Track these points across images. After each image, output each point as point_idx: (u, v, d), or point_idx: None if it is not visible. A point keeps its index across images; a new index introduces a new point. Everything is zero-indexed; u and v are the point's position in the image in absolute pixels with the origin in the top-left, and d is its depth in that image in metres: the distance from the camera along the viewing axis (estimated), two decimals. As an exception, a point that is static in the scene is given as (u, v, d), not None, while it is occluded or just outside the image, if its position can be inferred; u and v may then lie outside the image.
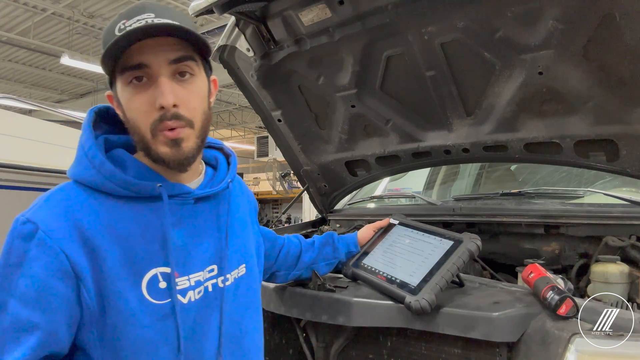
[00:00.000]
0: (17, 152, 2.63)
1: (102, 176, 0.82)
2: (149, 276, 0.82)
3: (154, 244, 0.83)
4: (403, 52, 1.51)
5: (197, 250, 0.90)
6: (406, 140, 1.78)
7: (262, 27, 1.60)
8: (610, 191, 1.65)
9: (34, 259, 0.76)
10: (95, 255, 0.78)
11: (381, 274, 1.29)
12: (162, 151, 0.83)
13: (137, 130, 0.82)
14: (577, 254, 1.55)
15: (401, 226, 1.45)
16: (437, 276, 1.17)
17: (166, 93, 0.80)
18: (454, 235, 1.27)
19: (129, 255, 0.81)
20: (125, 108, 0.84)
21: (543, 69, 1.34)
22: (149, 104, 0.80)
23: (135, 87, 0.81)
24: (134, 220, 0.83)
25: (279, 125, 1.94)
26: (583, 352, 0.94)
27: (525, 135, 1.53)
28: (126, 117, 0.84)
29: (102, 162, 0.83)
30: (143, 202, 0.85)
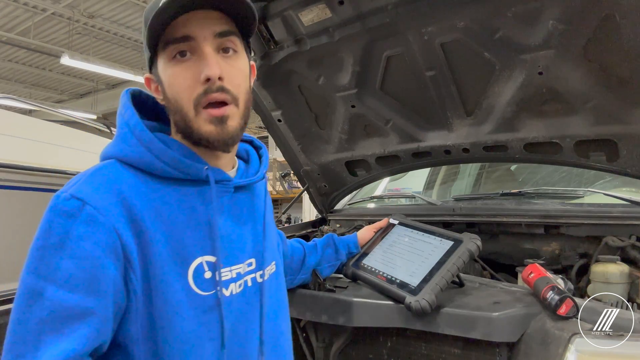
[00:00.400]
0: (17, 152, 2.63)
1: (151, 154, 0.77)
2: (194, 265, 0.78)
3: (200, 231, 0.79)
4: (403, 52, 1.51)
5: (238, 241, 0.87)
6: (406, 140, 1.78)
7: (262, 27, 1.60)
8: (610, 191, 1.65)
9: (82, 237, 0.69)
10: (144, 238, 0.73)
11: (381, 274, 1.29)
12: (206, 130, 0.79)
13: (180, 108, 0.79)
14: (577, 254, 1.55)
15: (401, 226, 1.44)
16: (437, 276, 1.16)
17: (212, 64, 0.76)
18: (454, 236, 1.27)
19: (176, 241, 0.76)
20: (168, 85, 0.80)
21: (543, 69, 1.34)
22: (192, 78, 0.77)
23: (179, 62, 0.78)
24: (179, 204, 0.79)
25: (279, 125, 1.94)
26: (583, 352, 0.94)
27: (525, 135, 1.53)
28: (167, 96, 0.81)
29: (151, 139, 0.78)
30: (187, 185, 0.81)
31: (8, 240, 2.15)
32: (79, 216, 0.69)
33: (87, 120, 3.36)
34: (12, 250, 2.16)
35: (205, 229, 0.80)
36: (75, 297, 0.67)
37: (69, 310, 0.67)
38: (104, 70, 9.17)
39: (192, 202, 0.80)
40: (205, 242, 0.80)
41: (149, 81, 0.86)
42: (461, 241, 1.23)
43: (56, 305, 0.66)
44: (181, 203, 0.79)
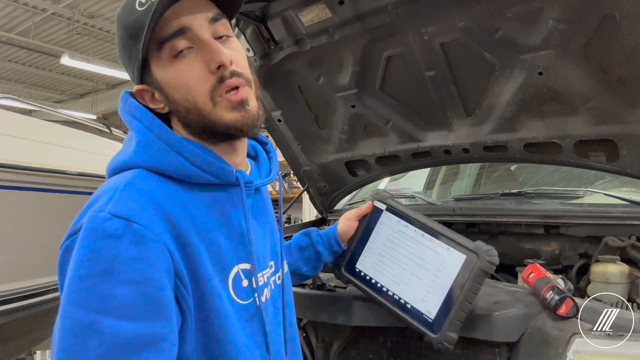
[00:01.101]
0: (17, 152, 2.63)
1: (185, 159, 0.72)
2: (233, 274, 0.75)
3: (233, 238, 0.76)
4: (403, 52, 1.51)
5: (263, 244, 0.85)
6: (406, 141, 1.78)
7: (262, 27, 1.60)
8: (610, 191, 1.65)
9: (134, 259, 0.62)
10: (189, 252, 0.68)
11: (386, 291, 1.15)
12: (229, 118, 0.74)
13: (194, 105, 0.73)
14: (577, 254, 1.55)
15: (390, 214, 1.22)
16: (455, 309, 1.04)
17: (221, 50, 0.72)
18: (465, 245, 1.08)
19: (214, 251, 0.72)
20: (173, 86, 0.74)
21: (543, 69, 1.34)
22: (201, 71, 0.72)
23: (180, 58, 0.72)
24: (210, 210, 0.74)
25: (279, 125, 1.94)
26: (583, 352, 0.94)
27: (525, 135, 1.53)
28: (173, 99, 0.75)
29: (182, 142, 0.72)
30: (215, 189, 0.76)
31: (8, 240, 2.15)
32: (126, 236, 0.62)
33: (87, 121, 3.36)
34: (12, 250, 2.16)
35: (238, 235, 0.77)
36: (139, 325, 0.60)
37: (133, 341, 0.59)
38: (104, 70, 9.17)
39: (223, 207, 0.76)
40: (239, 249, 0.77)
41: (141, 92, 0.78)
42: (475, 257, 1.06)
43: (117, 338, 0.59)
44: (212, 209, 0.75)
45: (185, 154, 0.72)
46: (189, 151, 0.72)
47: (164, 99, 0.76)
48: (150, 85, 0.77)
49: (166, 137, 0.73)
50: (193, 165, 0.72)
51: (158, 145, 0.73)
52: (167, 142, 0.73)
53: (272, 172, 0.91)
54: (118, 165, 0.74)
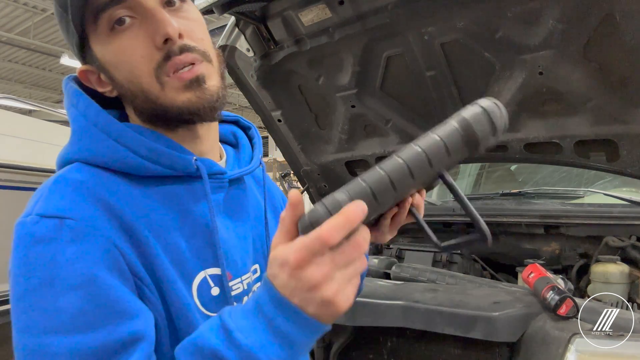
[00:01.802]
0: (17, 152, 2.64)
1: (125, 148, 0.60)
2: (197, 281, 0.62)
3: (197, 238, 0.64)
4: (403, 52, 1.51)
5: (241, 245, 0.72)
6: (406, 140, 1.77)
7: (262, 27, 1.60)
8: (610, 191, 1.66)
9: (73, 260, 0.52)
10: (143, 250, 0.57)
11: None
12: (183, 99, 0.61)
13: (139, 87, 0.62)
14: (577, 254, 1.55)
15: None
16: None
17: (166, 20, 0.59)
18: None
19: (173, 253, 0.61)
20: (115, 65, 0.62)
21: (543, 69, 1.34)
22: (145, 45, 0.60)
23: (120, 32, 0.60)
24: (167, 207, 0.62)
25: (279, 125, 1.94)
26: (583, 352, 0.94)
27: (525, 135, 1.53)
28: (117, 81, 0.63)
29: (122, 129, 0.61)
30: (173, 182, 0.64)
31: (8, 240, 2.15)
32: (61, 236, 0.52)
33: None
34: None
35: (203, 235, 0.64)
36: (98, 335, 0.50)
37: (97, 354, 0.50)
38: (104, 70, 9.16)
39: (183, 204, 0.64)
40: (206, 252, 0.64)
41: (86, 74, 0.66)
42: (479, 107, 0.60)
43: (77, 357, 0.49)
44: (169, 206, 0.63)
45: (126, 142, 0.60)
46: (130, 138, 0.61)
47: (109, 80, 0.65)
48: (92, 64, 0.65)
49: (104, 124, 0.62)
50: (136, 154, 0.60)
51: (94, 134, 0.61)
52: (104, 130, 0.61)
53: (253, 160, 0.78)
54: (57, 162, 0.64)
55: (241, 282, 0.69)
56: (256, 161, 0.78)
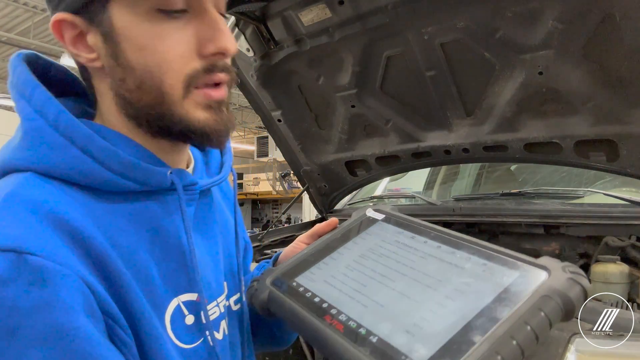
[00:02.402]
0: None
1: (92, 160, 0.50)
2: (170, 310, 0.54)
3: (170, 261, 0.56)
4: (403, 52, 1.51)
5: (215, 263, 0.65)
6: (406, 140, 1.78)
7: (262, 27, 1.60)
8: (610, 191, 1.65)
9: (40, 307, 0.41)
10: (115, 282, 0.48)
11: (334, 314, 0.55)
12: (199, 117, 0.54)
13: (157, 84, 0.52)
14: (577, 254, 1.55)
15: (388, 224, 0.72)
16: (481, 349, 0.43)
17: (228, 32, 0.54)
18: (526, 260, 0.56)
19: (143, 280, 0.52)
20: (140, 47, 0.51)
21: (543, 69, 1.34)
22: (188, 47, 0.52)
23: (166, 18, 0.51)
24: (134, 225, 0.53)
25: (279, 125, 1.94)
26: (583, 352, 0.94)
27: (525, 135, 1.53)
28: (129, 62, 0.52)
29: (89, 136, 0.51)
30: (141, 197, 0.55)
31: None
32: (20, 276, 0.42)
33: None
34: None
35: (176, 256, 0.56)
36: None
37: None
38: (103, 70, 9.17)
39: (153, 222, 0.55)
40: (179, 275, 0.56)
41: (64, 25, 0.52)
42: (544, 274, 0.52)
43: None
44: (138, 224, 0.54)
45: (94, 153, 0.51)
46: (99, 149, 0.51)
47: (109, 52, 0.52)
48: (91, 22, 0.51)
49: (66, 127, 0.51)
50: (106, 168, 0.51)
51: (53, 139, 0.50)
52: (66, 135, 0.50)
53: (223, 167, 0.69)
54: (3, 167, 0.53)
55: (217, 305, 0.62)
56: (227, 168, 0.69)
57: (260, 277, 0.68)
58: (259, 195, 15.61)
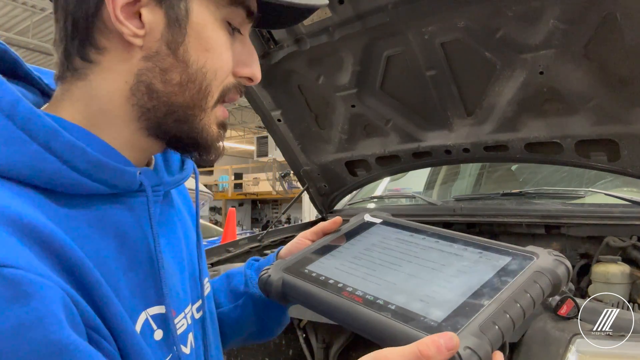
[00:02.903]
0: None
1: (56, 158, 0.44)
2: (139, 325, 0.49)
3: (137, 271, 0.50)
4: (403, 51, 1.50)
5: (180, 270, 0.60)
6: (406, 140, 1.78)
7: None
8: (611, 191, 1.65)
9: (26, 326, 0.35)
10: (93, 291, 0.43)
11: (349, 291, 0.60)
12: (214, 132, 0.54)
13: (204, 89, 0.51)
14: (578, 254, 1.55)
15: (387, 226, 0.78)
16: (490, 308, 0.51)
17: (258, 61, 0.57)
18: (515, 249, 0.63)
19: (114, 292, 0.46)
20: (208, 48, 0.51)
21: (544, 68, 1.34)
22: (230, 63, 0.54)
23: (228, 33, 0.53)
24: (100, 232, 0.48)
25: (278, 125, 1.94)
26: (584, 352, 0.94)
27: (526, 135, 1.53)
28: (189, 59, 0.50)
29: (53, 131, 0.44)
30: (106, 200, 0.50)
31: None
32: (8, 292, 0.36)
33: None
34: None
35: (143, 266, 0.51)
36: None
37: None
38: (103, 70, 9.17)
39: (118, 227, 0.50)
40: (147, 287, 0.51)
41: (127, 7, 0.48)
42: (532, 257, 0.61)
43: None
44: (104, 231, 0.48)
45: (58, 150, 0.44)
46: (65, 145, 0.45)
47: (167, 39, 0.49)
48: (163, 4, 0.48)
49: (26, 120, 0.44)
50: (71, 168, 0.45)
51: (8, 133, 0.43)
52: (25, 128, 0.44)
53: (185, 164, 0.65)
54: None
55: (185, 316, 0.58)
56: (190, 165, 0.66)
57: (271, 266, 0.71)
58: (258, 195, 15.63)
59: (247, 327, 0.78)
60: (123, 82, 0.50)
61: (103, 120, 0.50)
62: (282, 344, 1.58)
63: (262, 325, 0.79)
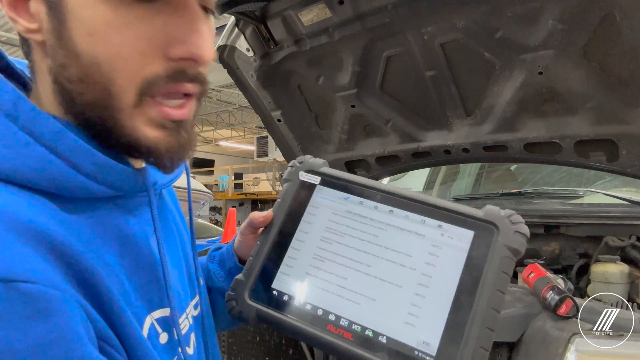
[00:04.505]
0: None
1: (62, 161, 0.41)
2: (146, 330, 0.47)
3: (140, 274, 0.48)
4: (403, 52, 1.51)
5: (179, 270, 0.60)
6: (406, 140, 1.78)
7: (261, 27, 1.60)
8: (610, 191, 1.66)
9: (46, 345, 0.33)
10: (103, 304, 0.41)
11: (334, 321, 0.58)
12: (147, 135, 0.45)
13: (106, 84, 0.42)
14: (577, 254, 1.56)
15: (328, 188, 0.69)
16: (475, 329, 0.53)
17: (205, 35, 0.44)
18: (468, 214, 0.61)
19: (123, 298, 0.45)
20: (92, 32, 0.41)
21: (543, 68, 1.34)
22: (152, 43, 0.42)
23: (134, 3, 0.41)
24: (104, 237, 0.45)
25: (279, 125, 1.94)
26: (583, 352, 0.94)
27: (525, 135, 1.53)
28: (75, 48, 0.42)
29: (58, 131, 0.41)
30: (104, 203, 0.47)
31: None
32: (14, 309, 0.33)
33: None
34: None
35: (147, 268, 0.49)
36: None
37: None
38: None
39: (120, 230, 0.47)
40: (151, 289, 0.49)
41: None
42: (493, 230, 0.59)
43: None
44: (105, 235, 0.45)
45: (64, 152, 0.41)
46: (72, 147, 0.42)
47: (52, 28, 0.42)
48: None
49: (28, 120, 0.41)
50: (78, 171, 0.42)
51: (10, 134, 0.40)
52: (28, 128, 0.40)
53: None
54: None
55: (187, 317, 0.56)
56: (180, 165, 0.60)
57: (234, 292, 0.65)
58: (258, 195, 15.62)
59: (220, 319, 0.76)
60: (48, 84, 0.45)
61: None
62: (282, 343, 1.58)
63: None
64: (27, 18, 0.42)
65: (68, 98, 0.44)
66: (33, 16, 0.42)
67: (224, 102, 13.58)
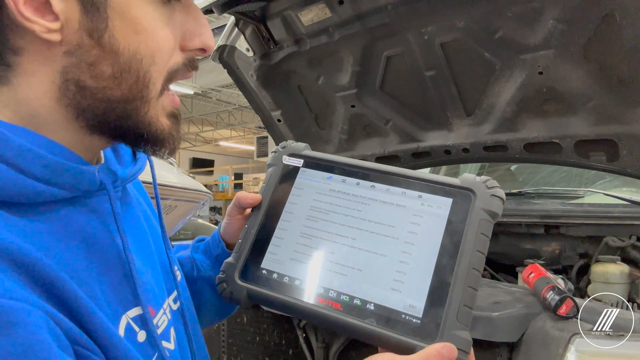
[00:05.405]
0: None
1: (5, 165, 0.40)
2: (122, 329, 0.47)
3: (110, 274, 0.47)
4: (403, 52, 1.51)
5: (152, 266, 0.58)
6: (406, 140, 1.78)
7: (261, 27, 1.60)
8: (610, 191, 1.66)
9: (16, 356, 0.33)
10: (72, 310, 0.41)
11: (322, 293, 0.60)
12: (163, 125, 0.49)
13: (142, 78, 0.45)
14: (577, 254, 1.55)
15: (311, 170, 0.73)
16: (458, 289, 0.56)
17: (210, 29, 0.50)
18: (446, 183, 0.63)
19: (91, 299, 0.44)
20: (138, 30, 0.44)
21: (543, 68, 1.34)
22: (177, 37, 0.48)
23: (163, 5, 0.46)
24: (65, 240, 0.44)
25: (278, 125, 1.94)
26: (583, 352, 0.94)
27: (525, 135, 1.53)
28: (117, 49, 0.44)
29: (2, 136, 0.41)
30: (62, 205, 0.46)
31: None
32: None
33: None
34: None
35: (116, 268, 0.49)
36: None
37: None
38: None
39: (83, 232, 0.46)
40: (122, 289, 0.48)
41: None
42: (470, 195, 0.61)
43: None
44: (68, 239, 0.44)
45: (9, 158, 0.40)
46: (18, 151, 0.41)
47: (87, 27, 0.43)
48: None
49: None
50: (27, 175, 0.41)
51: None
52: None
53: (137, 155, 0.60)
54: None
55: (164, 312, 0.56)
56: (142, 156, 0.61)
57: (224, 274, 0.66)
58: (258, 195, 15.60)
59: (209, 310, 0.77)
60: (49, 83, 0.44)
61: (36, 125, 0.45)
62: (282, 343, 1.58)
63: (223, 305, 0.78)
64: (50, 18, 0.42)
65: (84, 95, 0.45)
66: (56, 15, 0.42)
67: (224, 102, 13.58)
